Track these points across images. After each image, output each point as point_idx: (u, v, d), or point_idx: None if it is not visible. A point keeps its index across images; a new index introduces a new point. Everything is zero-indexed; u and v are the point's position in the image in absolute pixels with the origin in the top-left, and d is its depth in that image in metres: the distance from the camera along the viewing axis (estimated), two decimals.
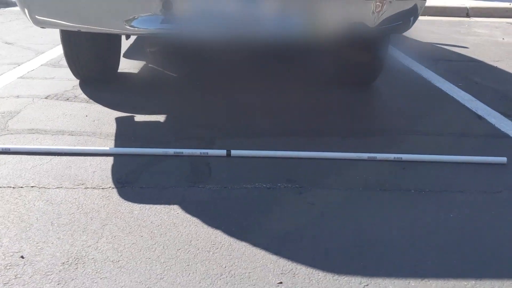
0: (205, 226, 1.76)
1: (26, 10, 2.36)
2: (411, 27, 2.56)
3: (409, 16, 2.48)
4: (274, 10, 2.32)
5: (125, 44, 4.56)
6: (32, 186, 2.02)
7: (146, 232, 1.72)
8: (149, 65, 4.10)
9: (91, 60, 3.33)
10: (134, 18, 2.34)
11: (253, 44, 2.58)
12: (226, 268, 1.54)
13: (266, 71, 4.07)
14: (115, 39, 3.40)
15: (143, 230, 1.73)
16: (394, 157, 2.35)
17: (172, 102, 3.13)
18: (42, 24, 2.42)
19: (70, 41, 3.18)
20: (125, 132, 2.62)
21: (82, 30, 2.42)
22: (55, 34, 5.24)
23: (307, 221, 1.82)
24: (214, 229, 1.75)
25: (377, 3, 2.34)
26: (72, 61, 3.31)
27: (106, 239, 1.67)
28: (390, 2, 2.37)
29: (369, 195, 2.03)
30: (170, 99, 3.21)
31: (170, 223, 1.78)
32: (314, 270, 1.54)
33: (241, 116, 2.92)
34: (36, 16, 2.38)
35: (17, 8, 7.64)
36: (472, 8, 8.44)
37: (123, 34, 2.65)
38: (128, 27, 2.36)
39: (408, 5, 2.45)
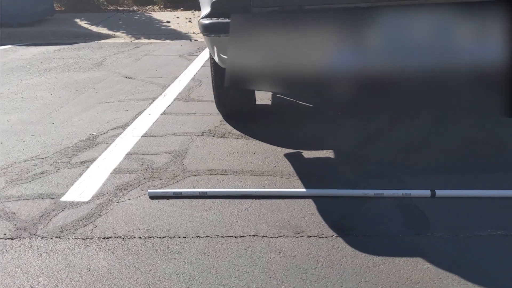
0: (468, 283, 1.65)
1: (214, 49, 2.35)
2: None
3: None
4: (471, 39, 2.20)
5: None
6: (253, 235, 1.98)
7: None
8: (277, 95, 4.07)
9: (239, 95, 3.33)
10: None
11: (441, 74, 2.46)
12: None
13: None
14: None
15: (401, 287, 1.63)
16: None
17: (327, 134, 3.06)
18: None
19: (222, 83, 3.20)
20: (306, 171, 2.55)
21: None
22: (168, 66, 5.33)
23: None
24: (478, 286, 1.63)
25: None
26: (221, 96, 3.32)
27: None
28: None
29: None
30: (324, 130, 3.14)
31: (427, 279, 1.68)
32: None
33: (407, 150, 2.81)
34: (223, 56, 2.36)
35: (112, 40, 7.87)
36: None
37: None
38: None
39: None
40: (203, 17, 2.39)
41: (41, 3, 9.05)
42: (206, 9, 2.42)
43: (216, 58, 2.41)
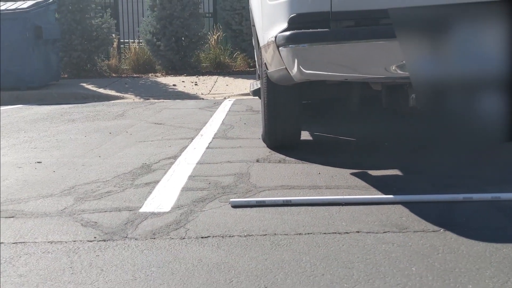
0: None
1: (295, 62, 2.39)
2: None
3: None
4: None
5: None
6: (357, 232, 1.93)
7: None
8: (315, 133, 4.10)
9: (289, 129, 3.37)
10: (399, 63, 2.34)
11: None
12: None
13: None
14: (300, 109, 3.43)
15: None
16: None
17: (384, 157, 3.06)
18: (308, 77, 2.45)
19: (275, 111, 3.24)
20: (381, 184, 2.53)
21: (349, 79, 2.44)
22: (192, 116, 5.38)
23: None
24: None
25: None
26: (272, 127, 3.34)
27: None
28: None
29: None
30: (378, 154, 3.15)
31: None
32: None
33: (471, 163, 2.82)
34: (304, 70, 2.41)
35: (122, 100, 7.94)
36: None
37: (386, 80, 2.65)
38: (393, 72, 2.36)
39: None
40: (280, 32, 2.45)
41: (50, 68, 9.20)
42: (280, 26, 2.49)
43: (293, 71, 2.45)
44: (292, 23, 2.41)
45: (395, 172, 2.78)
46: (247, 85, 7.52)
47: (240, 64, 10.91)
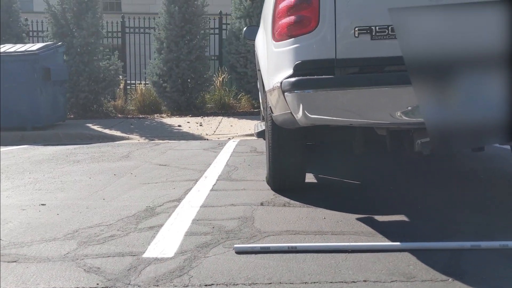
0: None
1: (300, 107, 2.41)
2: None
3: None
4: None
5: None
6: (364, 281, 1.90)
7: None
8: (319, 175, 4.09)
9: (294, 171, 3.36)
10: (404, 109, 2.35)
11: None
12: None
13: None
14: (305, 152, 3.44)
15: None
16: None
17: (390, 200, 3.04)
18: (312, 121, 2.47)
19: (280, 153, 3.24)
20: (387, 231, 2.51)
21: (353, 124, 2.45)
22: (196, 157, 5.39)
23: None
24: None
25: None
26: (277, 169, 3.34)
27: None
28: None
29: None
30: (385, 198, 3.13)
31: None
32: None
33: (480, 209, 2.79)
34: (309, 115, 2.43)
35: (127, 141, 7.98)
36: None
37: (391, 126, 2.66)
38: (398, 118, 2.37)
39: None
40: (285, 78, 2.49)
41: (56, 109, 9.31)
42: (285, 72, 2.53)
43: (298, 115, 2.47)
44: (297, 70, 2.45)
45: (401, 217, 2.76)
46: (251, 125, 7.56)
47: (245, 105, 11.01)
